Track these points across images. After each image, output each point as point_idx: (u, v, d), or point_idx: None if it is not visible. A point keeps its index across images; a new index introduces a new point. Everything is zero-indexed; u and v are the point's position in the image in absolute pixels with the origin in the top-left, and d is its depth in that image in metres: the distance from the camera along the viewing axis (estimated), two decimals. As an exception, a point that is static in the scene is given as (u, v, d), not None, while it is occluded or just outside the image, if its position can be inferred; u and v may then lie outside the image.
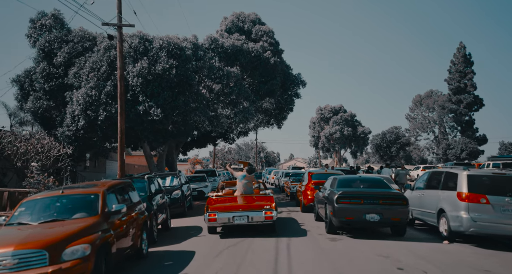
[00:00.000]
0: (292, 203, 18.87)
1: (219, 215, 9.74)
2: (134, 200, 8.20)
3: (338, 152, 55.32)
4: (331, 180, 11.19)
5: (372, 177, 11.65)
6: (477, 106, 72.70)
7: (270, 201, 10.17)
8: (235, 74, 19.18)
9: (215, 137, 28.03)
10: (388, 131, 52.74)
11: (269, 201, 10.17)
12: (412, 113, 75.61)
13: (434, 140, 73.15)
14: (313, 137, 55.79)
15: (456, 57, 73.56)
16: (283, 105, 22.40)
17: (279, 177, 30.38)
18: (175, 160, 26.28)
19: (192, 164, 52.60)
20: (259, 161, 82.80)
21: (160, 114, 16.78)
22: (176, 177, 16.17)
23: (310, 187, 14.36)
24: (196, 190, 22.00)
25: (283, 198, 21.80)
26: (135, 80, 16.81)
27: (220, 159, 66.49)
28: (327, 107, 54.61)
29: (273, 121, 23.89)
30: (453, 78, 72.92)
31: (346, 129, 51.14)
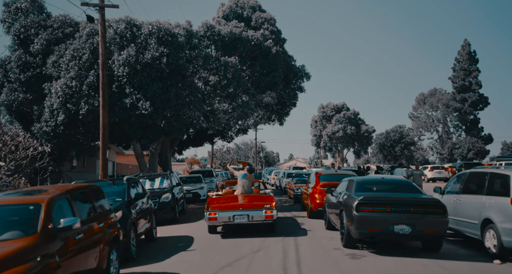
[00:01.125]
0: (296, 206, 17.07)
1: (219, 214, 9.74)
2: (102, 209, 6.39)
3: (340, 152, 53.50)
4: (347, 182, 9.40)
5: (397, 178, 9.87)
6: (482, 105, 70.98)
7: (270, 200, 10.19)
8: (233, 65, 17.39)
9: (212, 135, 26.22)
10: (392, 130, 50.91)
11: (269, 200, 10.19)
12: (416, 112, 73.88)
13: (438, 139, 71.41)
14: (314, 135, 53.88)
15: (461, 55, 71.83)
16: (285, 100, 20.58)
17: (280, 177, 28.59)
18: (169, 160, 24.47)
19: (189, 164, 50.80)
20: (258, 160, 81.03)
21: (149, 108, 15.00)
22: (167, 178, 14.36)
23: (318, 189, 12.56)
24: (191, 192, 20.21)
25: (286, 201, 19.99)
26: (121, 70, 15.02)
27: (219, 159, 64.74)
28: (329, 105, 52.71)
29: (274, 117, 22.05)
30: (457, 76, 71.18)
31: (349, 128, 49.28)
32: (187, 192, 20.20)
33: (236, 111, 18.36)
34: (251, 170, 11.36)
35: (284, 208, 16.80)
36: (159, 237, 10.55)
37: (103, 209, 6.42)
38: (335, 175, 13.18)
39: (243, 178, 10.96)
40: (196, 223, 13.21)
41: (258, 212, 9.75)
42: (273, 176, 34.75)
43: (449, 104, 68.48)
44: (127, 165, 35.71)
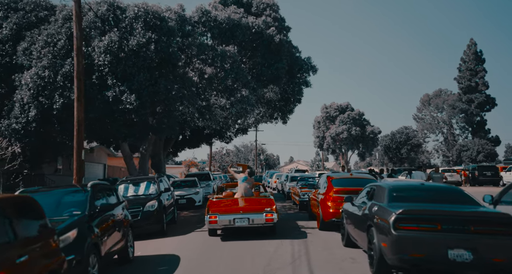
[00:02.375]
0: (303, 215, 15.04)
1: (220, 217, 9.73)
2: (34, 230, 4.38)
3: (344, 154, 51.44)
4: (374, 189, 7.37)
5: (442, 185, 7.85)
6: (489, 106, 68.91)
7: (270, 203, 10.16)
8: (232, 55, 15.41)
9: (210, 135, 24.20)
10: (398, 132, 48.96)
11: (270, 203, 10.16)
12: (420, 113, 71.83)
13: (444, 141, 69.35)
14: (317, 137, 51.78)
15: (467, 55, 69.88)
16: (289, 96, 18.56)
17: (282, 181, 26.55)
18: (163, 162, 22.43)
19: (186, 167, 48.75)
20: (259, 163, 79.00)
21: (134, 101, 13.00)
22: (154, 182, 12.33)
23: (332, 196, 10.54)
24: (184, 198, 18.19)
25: (290, 207, 17.95)
26: (102, 58, 13.04)
27: (218, 162, 62.72)
28: (333, 105, 50.65)
29: (277, 115, 20.04)
30: (463, 77, 69.22)
31: (353, 129, 47.23)
32: (181, 197, 18.20)
33: (235, 107, 16.36)
34: (251, 172, 11.43)
35: (289, 216, 14.77)
36: (137, 256, 8.51)
37: (35, 230, 4.39)
38: (351, 179, 11.15)
39: (244, 181, 10.94)
40: (187, 236, 11.17)
41: (258, 215, 9.71)
42: (275, 179, 32.69)
43: (455, 106, 66.48)
44: (120, 168, 33.66)
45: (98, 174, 28.46)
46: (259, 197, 10.90)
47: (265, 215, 9.70)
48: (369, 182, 10.72)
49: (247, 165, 14.13)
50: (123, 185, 12.17)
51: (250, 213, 9.73)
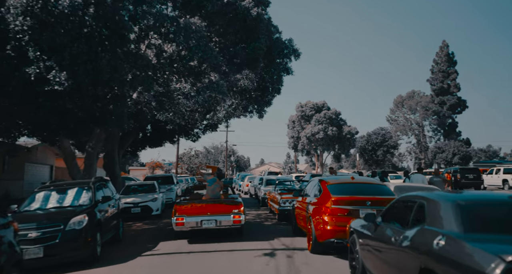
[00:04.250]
0: (283, 227, 12.17)
1: (187, 219, 9.70)
2: None
3: (320, 155, 49.12)
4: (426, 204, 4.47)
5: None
6: (460, 109, 69.13)
7: (238, 205, 10.08)
8: (198, 29, 12.35)
9: (173, 131, 20.96)
10: (374, 133, 47.21)
11: (238, 205, 10.08)
12: (393, 115, 71.08)
13: (417, 143, 68.77)
14: (292, 137, 49.20)
15: (439, 56, 69.80)
16: (267, 84, 15.67)
17: (256, 184, 23.64)
18: (117, 163, 19.00)
19: (150, 169, 44.91)
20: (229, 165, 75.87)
21: (65, 81, 9.70)
22: (87, 189, 9.06)
23: (329, 208, 7.71)
24: (139, 206, 14.94)
25: (267, 217, 15.04)
26: (20, 21, 9.64)
27: (186, 163, 59.07)
28: (308, 104, 48.22)
29: (252, 108, 17.11)
30: (435, 79, 69.06)
31: (330, 129, 44.98)
32: (134, 205, 14.94)
33: (202, 95, 13.35)
34: (220, 175, 11.33)
35: (266, 229, 11.87)
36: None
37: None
38: (354, 185, 8.35)
39: (212, 183, 10.83)
40: (128, 265, 7.98)
41: (226, 217, 9.76)
42: (247, 183, 29.76)
43: (428, 107, 66.08)
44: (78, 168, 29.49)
45: (42, 177, 24.48)
46: (227, 199, 10.82)
47: (232, 216, 9.74)
48: (379, 188, 8.00)
49: (216, 167, 12.52)
50: (43, 193, 8.84)
51: (218, 215, 9.74)
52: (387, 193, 7.82)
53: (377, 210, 7.44)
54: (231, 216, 9.74)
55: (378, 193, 7.85)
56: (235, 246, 9.47)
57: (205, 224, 9.65)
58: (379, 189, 7.98)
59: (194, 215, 9.71)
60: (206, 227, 9.66)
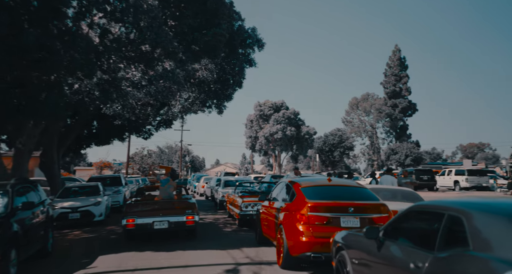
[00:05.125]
0: (246, 235, 10.87)
1: (138, 220, 9.38)
2: None
3: (278, 156, 48.35)
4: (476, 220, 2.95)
5: None
6: (411, 112, 71.63)
7: (192, 205, 9.92)
8: (150, 8, 10.73)
9: (123, 128, 18.96)
10: (331, 134, 47.23)
11: (191, 205, 9.92)
12: (349, 116, 72.19)
13: (370, 145, 70.27)
14: (249, 137, 47.99)
15: (392, 60, 71.87)
16: (228, 76, 14.29)
17: (213, 186, 22.16)
18: (56, 162, 16.76)
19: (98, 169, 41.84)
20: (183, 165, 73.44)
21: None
22: (3, 194, 7.18)
23: (305, 215, 6.50)
24: (78, 211, 13.00)
25: (225, 222, 13.65)
26: None
27: (138, 163, 56.14)
28: (267, 103, 47.24)
29: (211, 102, 15.61)
30: (388, 82, 71.02)
31: (288, 128, 44.29)
32: (72, 210, 12.98)
33: (155, 84, 11.74)
34: (174, 175, 11.94)
35: (226, 237, 10.50)
36: None
37: None
38: (332, 188, 7.21)
39: (165, 184, 10.64)
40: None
41: (179, 217, 9.61)
42: (203, 184, 28.13)
43: (381, 110, 67.73)
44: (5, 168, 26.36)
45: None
46: (180, 200, 10.59)
47: (186, 217, 9.60)
48: (361, 191, 6.91)
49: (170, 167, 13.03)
50: None
51: (171, 216, 9.56)
52: (371, 198, 6.75)
53: (360, 218, 6.34)
54: (184, 217, 9.57)
55: (360, 197, 6.75)
56: (190, 258, 8.05)
57: (157, 225, 9.38)
58: (361, 193, 6.89)
59: (145, 216, 9.42)
60: (158, 228, 9.39)
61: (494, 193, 27.48)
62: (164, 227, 9.43)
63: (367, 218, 6.34)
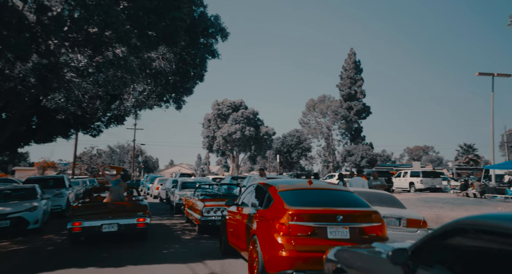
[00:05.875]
0: (207, 243, 9.68)
1: (85, 223, 9.01)
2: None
3: (236, 156, 47.16)
4: None
5: None
6: (365, 114, 73.40)
7: (143, 207, 9.65)
8: (99, -17, 9.23)
9: (67, 123, 17.00)
10: (289, 135, 46.89)
11: (142, 207, 9.65)
12: (305, 118, 72.61)
13: (326, 146, 71.09)
14: (207, 137, 46.36)
15: (347, 63, 73.22)
16: (188, 67, 12.95)
17: (168, 187, 20.68)
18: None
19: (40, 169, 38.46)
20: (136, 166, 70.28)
21: None
22: None
23: (285, 225, 5.45)
24: (8, 218, 11.19)
25: (184, 229, 12.32)
26: None
27: (86, 163, 52.71)
28: (225, 102, 45.91)
29: (168, 96, 14.16)
30: (344, 84, 72.28)
31: (247, 128, 43.25)
32: (1, 217, 11.06)
33: (104, 73, 10.22)
34: (125, 176, 10.63)
35: (185, 246, 9.26)
36: None
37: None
38: (315, 192, 6.22)
39: (116, 185, 10.11)
40: None
41: (129, 220, 9.27)
42: (157, 185, 26.44)
43: (337, 112, 68.76)
44: None
45: None
46: (131, 201, 10.27)
47: (137, 219, 9.31)
48: (347, 196, 6.00)
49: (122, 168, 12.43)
50: None
51: (121, 218, 9.22)
52: (360, 204, 5.84)
53: (350, 228, 5.41)
54: (135, 219, 9.24)
55: (348, 203, 5.82)
56: None
57: (106, 228, 9.01)
58: (349, 198, 5.97)
59: (93, 218, 9.03)
60: (107, 231, 9.02)
61: (447, 194, 28.16)
62: (113, 230, 9.05)
63: (357, 227, 5.42)
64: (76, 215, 9.10)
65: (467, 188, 26.41)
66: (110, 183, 10.38)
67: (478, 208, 18.49)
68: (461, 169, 52.62)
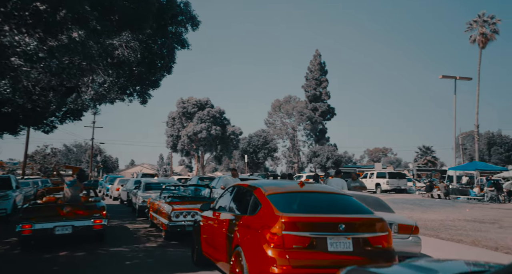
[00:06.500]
0: (177, 253, 8.64)
1: (36, 226, 8.50)
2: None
3: (201, 156, 45.72)
4: None
5: None
6: (330, 115, 74.20)
7: (100, 208, 9.26)
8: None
9: (16, 118, 15.27)
10: (256, 135, 46.18)
11: (99, 208, 9.26)
12: (271, 118, 72.33)
13: (291, 147, 71.15)
14: (171, 136, 44.60)
15: (313, 65, 73.73)
16: (155, 58, 11.77)
17: (130, 188, 19.27)
18: None
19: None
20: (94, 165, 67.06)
21: None
22: None
23: (277, 235, 4.57)
24: None
25: (148, 235, 11.15)
26: None
27: (39, 163, 49.37)
28: (191, 100, 44.32)
29: (133, 89, 12.88)
30: (309, 85, 72.72)
31: (214, 128, 41.98)
32: None
33: (58, 58, 8.93)
34: (82, 176, 10.22)
35: (150, 256, 8.17)
36: None
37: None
38: (308, 196, 5.38)
39: (71, 186, 9.59)
40: None
41: (85, 221, 8.92)
42: (117, 186, 24.78)
43: (303, 113, 69.00)
44: None
45: None
46: (87, 202, 9.85)
47: (93, 221, 8.92)
48: (346, 201, 5.23)
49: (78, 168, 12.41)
50: None
51: (76, 220, 8.80)
52: (361, 209, 5.07)
53: (353, 239, 4.63)
54: (91, 221, 8.90)
55: (348, 209, 5.05)
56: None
57: (59, 231, 8.64)
58: (348, 203, 5.19)
59: (45, 220, 8.60)
60: (60, 233, 8.66)
61: (413, 195, 28.49)
62: (67, 232, 8.68)
63: (361, 238, 4.64)
64: (26, 217, 8.62)
65: (432, 189, 26.83)
66: (65, 183, 9.85)
67: (446, 209, 18.57)
68: (420, 170, 54.21)
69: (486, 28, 43.11)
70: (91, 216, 8.99)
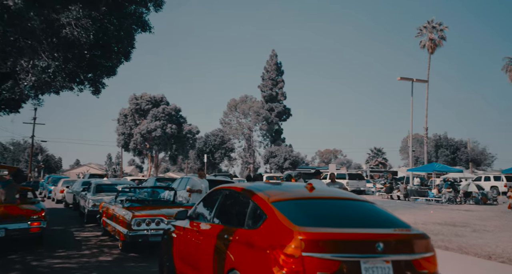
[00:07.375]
0: (138, 267, 7.20)
1: None
2: None
3: (155, 155, 43.25)
4: None
5: None
6: (286, 116, 74.25)
7: (38, 209, 8.83)
8: None
9: None
10: (212, 134, 44.65)
11: (37, 209, 8.83)
12: (227, 118, 70.96)
13: (247, 148, 70.22)
14: (122, 134, 41.70)
15: (269, 65, 73.46)
16: (111, 40, 10.08)
17: (77, 190, 17.18)
18: None
19: None
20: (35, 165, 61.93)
21: None
22: None
23: (293, 257, 3.39)
24: None
25: (101, 244, 9.49)
26: None
27: (-30, 162, 44.45)
28: (145, 96, 41.72)
29: (84, 76, 11.03)
30: (265, 86, 72.36)
31: (169, 126, 39.80)
32: None
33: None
34: (19, 176, 9.79)
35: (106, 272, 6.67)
36: None
37: None
38: (324, 204, 4.24)
39: (5, 186, 9.09)
40: None
41: (20, 224, 8.37)
42: (62, 188, 22.32)
43: (259, 113, 68.37)
44: None
45: None
46: (25, 204, 9.21)
47: (29, 223, 8.43)
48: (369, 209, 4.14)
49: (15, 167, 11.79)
50: None
51: (10, 223, 8.20)
52: (396, 222, 4.00)
53: (393, 262, 3.56)
54: (27, 223, 8.44)
55: (381, 221, 3.97)
56: None
57: None
58: (376, 213, 4.12)
59: None
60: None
61: (372, 197, 28.54)
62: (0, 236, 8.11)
63: (403, 261, 3.57)
64: None
65: (392, 190, 26.98)
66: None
67: (411, 211, 18.40)
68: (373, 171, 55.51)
69: (434, 34, 44.79)
70: (27, 218, 8.46)
